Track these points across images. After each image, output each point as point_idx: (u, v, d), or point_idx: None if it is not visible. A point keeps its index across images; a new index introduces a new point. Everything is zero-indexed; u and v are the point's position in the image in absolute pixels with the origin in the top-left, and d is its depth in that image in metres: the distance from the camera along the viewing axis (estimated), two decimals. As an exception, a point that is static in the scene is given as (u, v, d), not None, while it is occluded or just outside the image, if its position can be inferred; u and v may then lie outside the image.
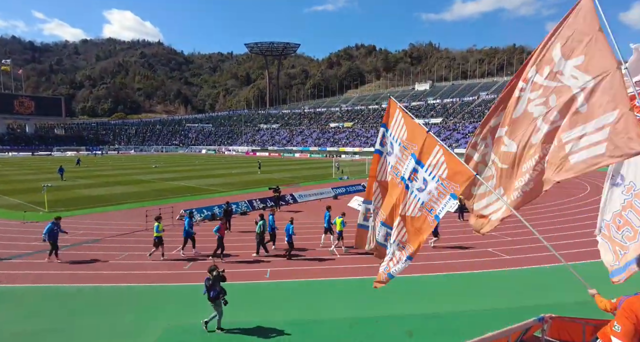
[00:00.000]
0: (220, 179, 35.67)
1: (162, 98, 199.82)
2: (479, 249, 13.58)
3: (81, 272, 11.13)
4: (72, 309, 8.75)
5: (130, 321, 8.18)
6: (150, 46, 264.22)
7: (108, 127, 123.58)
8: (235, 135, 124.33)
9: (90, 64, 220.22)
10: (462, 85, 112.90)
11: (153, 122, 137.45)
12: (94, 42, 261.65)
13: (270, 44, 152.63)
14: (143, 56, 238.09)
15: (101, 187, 29.64)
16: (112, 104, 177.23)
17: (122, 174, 41.27)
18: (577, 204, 22.44)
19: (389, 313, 8.50)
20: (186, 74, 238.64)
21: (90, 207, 21.24)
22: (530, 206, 21.54)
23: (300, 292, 9.89)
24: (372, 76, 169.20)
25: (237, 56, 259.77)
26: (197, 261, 12.23)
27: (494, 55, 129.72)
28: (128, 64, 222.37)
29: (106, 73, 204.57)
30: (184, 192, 27.51)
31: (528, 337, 3.59)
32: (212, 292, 7.58)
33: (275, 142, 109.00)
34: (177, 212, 18.54)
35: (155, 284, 10.32)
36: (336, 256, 12.73)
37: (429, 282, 10.55)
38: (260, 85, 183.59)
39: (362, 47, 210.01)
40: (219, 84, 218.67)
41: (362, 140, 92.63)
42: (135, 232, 15.80)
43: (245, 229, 16.45)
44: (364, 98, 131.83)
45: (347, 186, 28.27)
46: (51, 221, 12.47)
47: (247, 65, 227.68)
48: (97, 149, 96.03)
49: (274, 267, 11.70)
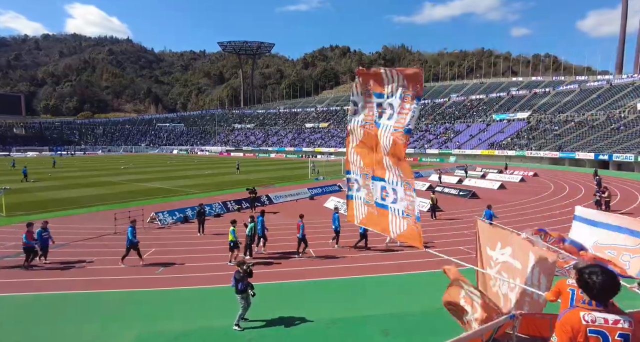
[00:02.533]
0: (193, 180, 34.87)
1: (131, 97, 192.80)
2: (452, 247, 13.93)
3: (44, 280, 10.57)
4: (34, 319, 8.28)
5: (99, 329, 7.83)
6: (118, 43, 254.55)
7: (73, 126, 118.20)
8: (208, 135, 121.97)
9: (53, 61, 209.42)
10: (434, 87, 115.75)
11: (122, 121, 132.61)
12: (56, 38, 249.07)
13: (244, 43, 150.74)
14: (111, 53, 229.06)
15: (67, 190, 28.29)
16: (78, 103, 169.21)
17: (89, 175, 39.57)
18: (541, 202, 23.49)
19: (364, 313, 8.57)
20: (157, 72, 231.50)
21: (55, 211, 20.22)
22: (500, 203, 22.25)
23: (276, 293, 9.80)
24: (347, 77, 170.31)
25: (210, 55, 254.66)
26: (168, 266, 11.88)
27: (464, 58, 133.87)
28: (95, 61, 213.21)
29: (71, 70, 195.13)
30: (156, 194, 26.69)
31: (500, 334, 3.71)
32: (240, 285, 7.93)
33: (250, 143, 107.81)
34: (147, 214, 17.97)
35: (125, 289, 9.94)
36: (313, 256, 12.74)
37: (403, 281, 10.72)
38: (234, 84, 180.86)
39: (337, 48, 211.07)
40: (191, 82, 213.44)
41: (338, 140, 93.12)
42: (103, 235, 15.18)
43: (218, 231, 16.15)
44: (339, 99, 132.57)
45: (323, 187, 28.33)
46: (40, 226, 12.18)
47: (220, 64, 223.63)
48: (62, 149, 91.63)
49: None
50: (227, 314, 8.39)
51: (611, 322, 2.38)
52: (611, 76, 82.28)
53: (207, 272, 11.34)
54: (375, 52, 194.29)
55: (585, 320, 2.40)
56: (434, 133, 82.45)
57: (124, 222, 16.13)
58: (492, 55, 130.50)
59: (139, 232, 13.76)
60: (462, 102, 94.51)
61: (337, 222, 13.87)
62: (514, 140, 66.64)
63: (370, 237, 13.86)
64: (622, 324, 2.37)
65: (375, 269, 11.58)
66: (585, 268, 2.55)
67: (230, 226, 12.40)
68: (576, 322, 2.41)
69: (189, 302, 9.24)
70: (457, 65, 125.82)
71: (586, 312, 2.44)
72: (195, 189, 29.22)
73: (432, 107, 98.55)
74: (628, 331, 2.35)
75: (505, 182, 31.77)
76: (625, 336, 2.34)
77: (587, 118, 64.64)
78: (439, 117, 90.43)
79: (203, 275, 11.08)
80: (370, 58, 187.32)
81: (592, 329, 2.37)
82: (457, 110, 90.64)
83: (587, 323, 2.39)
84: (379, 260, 12.50)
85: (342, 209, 17.59)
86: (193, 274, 11.18)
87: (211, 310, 8.84)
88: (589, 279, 2.44)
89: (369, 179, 5.00)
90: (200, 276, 11.01)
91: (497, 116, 78.61)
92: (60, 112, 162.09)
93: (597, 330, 2.37)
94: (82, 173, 42.17)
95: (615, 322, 2.38)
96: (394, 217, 4.67)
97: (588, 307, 2.47)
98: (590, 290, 2.45)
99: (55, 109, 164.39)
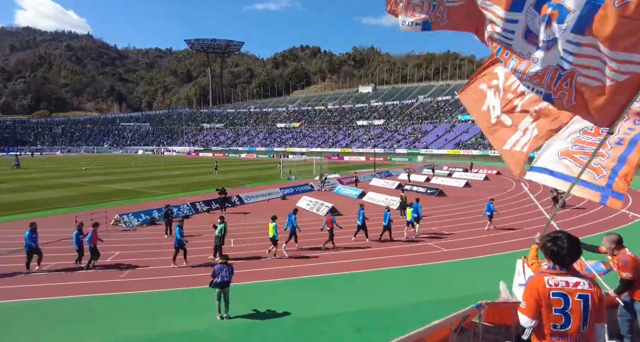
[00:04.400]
0: (160, 181, 33.75)
1: (92, 95, 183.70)
2: (421, 244, 14.32)
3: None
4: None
5: (62, 337, 7.42)
6: (77, 38, 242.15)
7: (28, 125, 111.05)
8: (175, 135, 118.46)
9: (4, 55, 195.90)
10: (402, 88, 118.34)
11: (83, 120, 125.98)
12: (7, 31, 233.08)
13: (213, 41, 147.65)
14: (69, 49, 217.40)
15: (24, 192, 26.58)
16: (33, 101, 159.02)
17: (47, 177, 37.35)
18: (504, 199, 24.58)
19: (337, 310, 8.63)
20: (120, 69, 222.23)
21: (11, 214, 18.96)
22: (466, 200, 23.01)
23: (247, 293, 9.66)
24: (317, 77, 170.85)
25: (176, 52, 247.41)
26: (136, 269, 11.45)
27: (430, 61, 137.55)
28: (52, 56, 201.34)
29: (24, 66, 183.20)
30: (120, 195, 25.61)
31: (467, 323, 3.85)
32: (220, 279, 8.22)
33: (220, 143, 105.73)
34: (111, 217, 17.22)
35: (88, 294, 9.48)
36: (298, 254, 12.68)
37: (375, 278, 10.88)
38: (202, 83, 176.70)
39: (307, 49, 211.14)
40: (156, 80, 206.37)
41: (309, 140, 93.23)
42: (63, 239, 14.39)
43: (187, 233, 15.69)
44: (310, 99, 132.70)
45: (295, 186, 28.26)
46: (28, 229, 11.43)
47: (187, 62, 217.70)
48: (15, 150, 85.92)
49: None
50: (195, 317, 8.21)
51: (572, 284, 2.52)
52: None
53: (175, 274, 11.02)
54: (345, 53, 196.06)
55: (549, 284, 2.54)
56: (402, 133, 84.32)
57: (86, 225, 15.38)
58: (457, 58, 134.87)
59: (102, 236, 13.15)
60: (429, 103, 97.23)
61: (361, 217, 14.19)
62: (478, 140, 69.32)
63: (342, 234, 13.93)
64: (582, 285, 2.51)
65: (344, 266, 11.69)
66: (548, 235, 2.70)
67: (270, 221, 12.57)
68: (541, 287, 2.54)
69: (156, 305, 8.94)
70: (425, 67, 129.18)
71: (550, 277, 2.57)
72: (163, 190, 28.30)
73: (401, 108, 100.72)
74: (588, 292, 2.49)
75: (470, 180, 32.99)
76: (584, 296, 2.49)
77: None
78: (407, 118, 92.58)
79: (171, 277, 10.76)
80: (340, 59, 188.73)
81: (554, 291, 2.51)
82: (424, 111, 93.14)
83: (550, 287, 2.52)
84: (348, 258, 12.63)
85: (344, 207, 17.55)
86: (160, 277, 10.83)
87: (180, 312, 8.60)
88: (554, 245, 2.59)
89: None
90: (168, 278, 10.68)
91: (462, 117, 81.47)
92: (13, 110, 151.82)
93: (559, 292, 2.50)
94: (39, 175, 39.75)
95: (576, 284, 2.52)
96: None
97: (552, 272, 2.61)
98: (557, 255, 2.59)
99: (7, 107, 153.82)
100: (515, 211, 20.47)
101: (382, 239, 14.45)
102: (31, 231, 11.31)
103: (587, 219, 18.26)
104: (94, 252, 11.57)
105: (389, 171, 41.80)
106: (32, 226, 11.54)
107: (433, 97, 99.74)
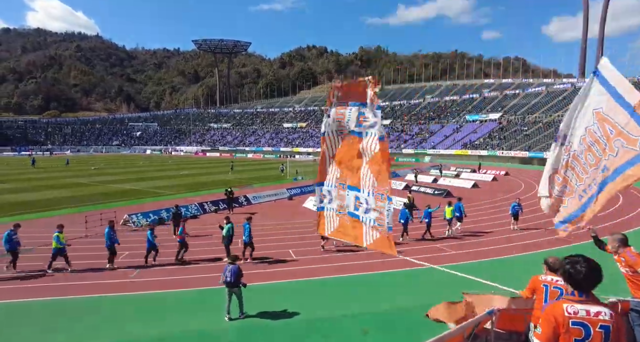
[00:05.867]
0: (168, 181, 34.02)
1: (101, 95, 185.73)
2: (428, 245, 14.23)
3: (8, 287, 10.03)
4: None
5: (72, 336, 7.51)
6: (87, 39, 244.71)
7: (39, 125, 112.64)
8: (183, 135, 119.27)
9: (15, 56, 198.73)
10: (409, 88, 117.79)
11: (92, 120, 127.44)
12: (18, 32, 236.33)
13: (220, 41, 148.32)
14: (79, 50, 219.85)
15: (33, 192, 26.98)
16: (43, 101, 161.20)
17: (57, 176, 37.87)
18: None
19: (343, 312, 8.60)
20: (128, 70, 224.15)
21: (20, 214, 19.24)
22: (474, 202, 22.79)
23: (255, 295, 9.68)
24: (324, 77, 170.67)
25: (184, 53, 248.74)
26: (145, 269, 11.54)
27: (438, 60, 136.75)
28: (62, 57, 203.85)
29: (35, 67, 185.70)
30: (129, 195, 25.87)
31: (480, 330, 3.82)
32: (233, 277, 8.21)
33: (227, 142, 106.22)
34: (120, 216, 17.39)
35: (97, 295, 9.57)
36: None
37: (382, 280, 10.83)
38: (210, 83, 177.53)
39: (314, 49, 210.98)
40: (164, 81, 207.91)
41: (316, 140, 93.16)
42: (73, 239, 14.55)
43: (195, 233, 15.82)
44: (317, 99, 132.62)
45: (302, 187, 28.28)
46: (9, 229, 11.41)
47: (195, 63, 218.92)
48: (26, 149, 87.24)
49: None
50: (204, 317, 8.24)
51: (593, 314, 2.42)
52: (575, 79, 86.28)
53: (183, 275, 11.09)
54: (352, 53, 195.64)
55: (568, 312, 2.44)
56: (409, 133, 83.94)
57: (95, 224, 15.57)
58: (465, 58, 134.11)
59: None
60: (437, 103, 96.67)
61: (406, 216, 14.80)
62: (486, 141, 68.77)
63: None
64: (603, 316, 2.42)
65: (349, 268, 11.65)
66: (567, 258, 2.60)
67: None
68: (559, 314, 2.44)
69: (165, 305, 9.00)
70: (432, 67, 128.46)
71: (569, 304, 2.47)
72: (171, 190, 28.52)
73: (408, 108, 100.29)
74: (609, 323, 2.40)
75: (478, 181, 32.73)
76: (606, 327, 2.39)
77: (554, 119, 67.53)
78: (414, 118, 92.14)
79: (180, 278, 10.82)
80: (347, 59, 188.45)
81: (574, 320, 2.41)
82: (431, 111, 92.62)
83: (569, 315, 2.43)
84: (352, 260, 12.58)
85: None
86: (169, 277, 10.90)
87: (188, 312, 8.64)
88: (572, 268, 2.49)
89: (344, 189, 5.11)
90: (177, 279, 10.75)
91: (470, 117, 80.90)
92: (24, 111, 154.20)
93: (579, 322, 2.41)
94: (49, 174, 40.30)
95: (597, 314, 2.42)
96: (366, 226, 4.81)
97: (571, 298, 2.52)
98: (574, 279, 2.49)
99: (18, 107, 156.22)
100: (525, 211, 20.21)
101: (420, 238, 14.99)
102: (12, 232, 11.22)
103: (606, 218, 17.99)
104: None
105: (396, 172, 41.61)
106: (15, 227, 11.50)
107: (440, 97, 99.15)
